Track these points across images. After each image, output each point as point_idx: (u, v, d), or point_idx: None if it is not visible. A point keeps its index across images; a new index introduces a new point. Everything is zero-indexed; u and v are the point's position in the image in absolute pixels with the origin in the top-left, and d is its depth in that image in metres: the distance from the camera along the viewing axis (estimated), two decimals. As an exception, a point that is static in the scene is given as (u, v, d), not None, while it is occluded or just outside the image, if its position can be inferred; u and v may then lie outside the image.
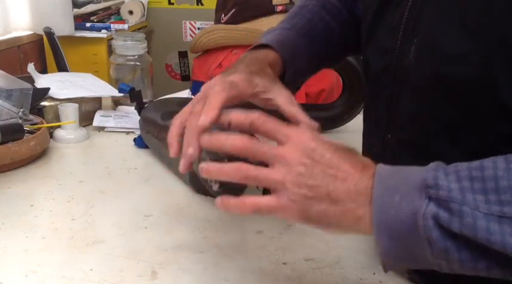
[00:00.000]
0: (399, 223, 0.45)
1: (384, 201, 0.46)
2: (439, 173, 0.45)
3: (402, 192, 0.45)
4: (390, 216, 0.45)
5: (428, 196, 0.44)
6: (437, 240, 0.43)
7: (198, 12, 2.27)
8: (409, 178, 0.46)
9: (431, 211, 0.43)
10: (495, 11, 0.48)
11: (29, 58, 1.62)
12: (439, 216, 0.43)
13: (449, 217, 0.43)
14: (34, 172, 0.95)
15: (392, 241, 0.45)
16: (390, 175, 0.47)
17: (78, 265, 0.66)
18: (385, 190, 0.46)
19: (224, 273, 0.65)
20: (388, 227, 0.45)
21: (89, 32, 1.86)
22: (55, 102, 1.12)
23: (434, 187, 0.44)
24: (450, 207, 0.43)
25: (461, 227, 0.42)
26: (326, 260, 0.68)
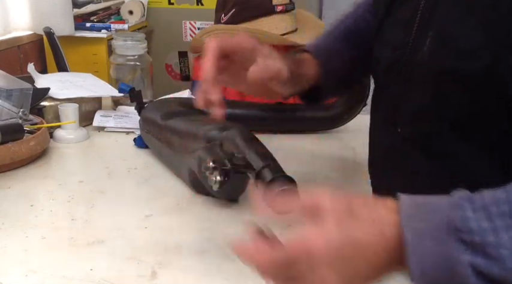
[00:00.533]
0: (434, 268, 0.43)
1: (415, 247, 0.44)
2: (467, 212, 0.42)
3: (432, 235, 0.43)
4: (424, 263, 0.43)
5: (460, 240, 0.42)
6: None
7: (198, 12, 2.27)
8: (437, 220, 0.44)
9: (468, 258, 0.42)
10: (502, 8, 0.49)
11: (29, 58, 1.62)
12: (477, 263, 0.41)
13: (486, 262, 0.41)
14: (34, 172, 0.95)
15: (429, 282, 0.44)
16: (414, 215, 0.45)
17: (78, 265, 0.66)
18: (415, 235, 0.44)
19: (224, 273, 0.65)
20: (424, 273, 0.44)
21: (89, 32, 1.86)
22: (55, 102, 1.12)
23: (465, 231, 0.42)
24: (486, 251, 0.41)
25: (502, 271, 0.41)
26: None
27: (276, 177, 0.61)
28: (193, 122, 0.88)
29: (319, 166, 1.00)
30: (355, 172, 0.97)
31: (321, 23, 1.57)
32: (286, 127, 1.17)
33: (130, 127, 1.15)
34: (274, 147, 0.76)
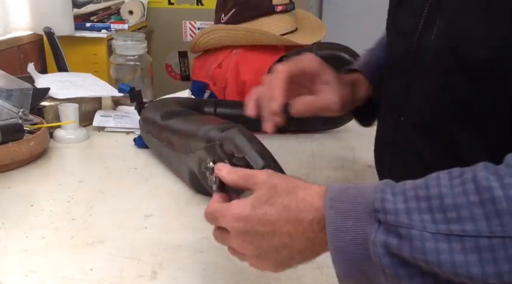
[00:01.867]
0: (354, 249, 0.45)
1: (338, 226, 0.46)
2: (386, 195, 0.45)
3: (353, 216, 0.46)
4: (345, 241, 0.46)
5: (377, 220, 0.44)
6: (389, 267, 0.43)
7: (198, 12, 2.27)
8: (359, 201, 0.46)
9: (381, 239, 0.43)
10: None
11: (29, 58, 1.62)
12: (389, 243, 0.43)
13: (398, 242, 0.43)
14: (34, 172, 0.95)
15: (349, 266, 0.46)
16: (340, 198, 0.47)
17: (78, 265, 0.66)
18: (337, 215, 0.47)
19: (224, 273, 0.65)
20: (344, 253, 0.46)
21: (89, 32, 1.85)
22: (55, 102, 1.12)
23: (382, 211, 0.44)
24: (399, 232, 0.43)
25: (412, 251, 0.42)
26: (326, 260, 0.68)
27: None
28: (193, 122, 0.88)
29: (319, 166, 1.00)
30: (355, 172, 0.97)
31: (321, 23, 1.57)
32: (287, 127, 1.17)
33: (130, 127, 1.15)
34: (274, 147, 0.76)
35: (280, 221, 0.50)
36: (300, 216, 0.49)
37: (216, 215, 0.55)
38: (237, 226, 0.52)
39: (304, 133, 1.16)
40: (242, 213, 0.51)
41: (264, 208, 0.50)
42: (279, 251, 0.51)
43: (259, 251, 0.51)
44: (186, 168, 0.86)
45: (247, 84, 1.39)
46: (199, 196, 0.86)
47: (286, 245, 0.50)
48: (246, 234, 0.51)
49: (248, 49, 1.40)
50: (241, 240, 0.52)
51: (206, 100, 1.27)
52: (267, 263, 0.53)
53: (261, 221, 0.50)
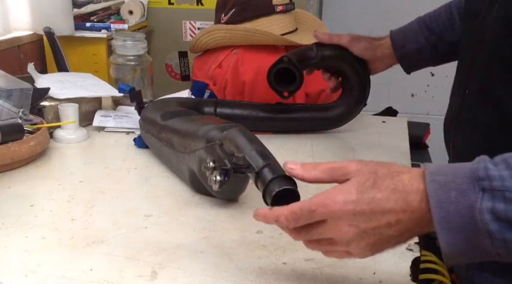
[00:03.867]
0: (459, 218, 0.47)
1: (440, 198, 0.48)
2: (488, 164, 0.47)
3: (455, 187, 0.48)
4: (450, 212, 0.47)
5: (481, 188, 0.46)
6: (496, 232, 0.46)
7: (198, 12, 2.27)
8: (459, 172, 0.48)
9: (488, 205, 0.46)
10: None
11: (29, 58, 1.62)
12: (496, 208, 0.45)
13: (505, 206, 0.45)
14: (34, 172, 0.95)
15: (454, 236, 0.48)
16: (440, 172, 0.50)
17: (78, 265, 0.66)
18: (439, 187, 0.49)
19: (224, 273, 0.65)
20: (449, 223, 0.48)
21: (88, 32, 1.85)
22: (55, 102, 1.12)
23: (486, 178, 0.46)
24: (505, 196, 0.45)
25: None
26: (326, 260, 0.68)
27: (276, 177, 0.61)
28: (193, 122, 0.88)
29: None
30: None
31: (321, 23, 1.57)
32: (286, 127, 1.17)
33: (130, 127, 1.15)
34: (274, 147, 0.77)
35: (390, 204, 0.51)
36: (409, 198, 0.50)
37: (311, 209, 0.53)
38: (345, 209, 0.51)
39: (304, 133, 1.16)
40: (348, 197, 0.52)
41: (371, 192, 0.51)
42: (383, 232, 0.51)
43: (361, 234, 0.52)
44: (186, 167, 0.86)
45: (247, 84, 1.39)
46: (199, 196, 0.86)
47: (391, 225, 0.51)
48: (354, 217, 0.51)
49: (248, 49, 1.39)
50: (346, 224, 0.52)
51: (206, 100, 1.27)
52: (362, 247, 0.53)
53: (370, 204, 0.51)
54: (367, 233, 0.52)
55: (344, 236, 0.53)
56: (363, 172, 0.53)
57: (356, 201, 0.52)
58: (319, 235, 0.55)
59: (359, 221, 0.52)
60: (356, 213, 0.51)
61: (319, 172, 0.55)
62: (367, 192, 0.52)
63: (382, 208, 0.51)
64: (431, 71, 2.65)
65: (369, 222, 0.51)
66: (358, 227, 0.52)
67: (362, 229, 0.52)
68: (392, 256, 0.68)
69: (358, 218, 0.52)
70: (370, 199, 0.51)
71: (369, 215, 0.51)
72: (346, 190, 0.52)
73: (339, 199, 0.52)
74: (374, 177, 0.52)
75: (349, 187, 0.52)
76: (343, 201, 0.52)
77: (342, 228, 0.52)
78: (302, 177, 0.56)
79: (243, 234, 0.74)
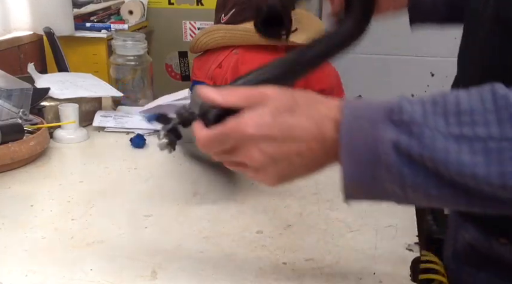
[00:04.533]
0: (363, 147, 0.46)
1: (350, 125, 0.47)
2: (404, 100, 0.46)
3: (368, 116, 0.47)
4: (355, 140, 0.47)
5: (391, 120, 0.45)
6: (395, 164, 0.44)
7: (198, 12, 2.27)
8: (375, 104, 0.48)
9: (392, 136, 0.45)
10: None
11: (29, 58, 1.62)
12: (399, 140, 0.44)
13: (408, 140, 0.44)
14: (34, 172, 0.95)
15: (356, 165, 0.47)
16: (358, 105, 0.49)
17: (78, 265, 0.66)
18: (352, 115, 0.48)
19: (224, 273, 0.65)
20: (353, 151, 0.47)
21: (88, 32, 1.85)
22: (55, 102, 1.12)
23: (397, 111, 0.45)
24: (411, 130, 0.44)
25: (420, 149, 0.44)
26: (326, 260, 0.68)
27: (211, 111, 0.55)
28: None
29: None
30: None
31: (321, 23, 1.57)
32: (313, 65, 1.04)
33: (130, 128, 1.15)
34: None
35: (303, 131, 0.49)
36: (323, 126, 0.49)
37: (225, 133, 0.51)
38: (256, 133, 0.49)
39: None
40: (261, 120, 0.50)
41: (285, 117, 0.50)
42: (292, 160, 0.50)
43: (270, 160, 0.50)
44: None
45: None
46: (200, 196, 0.86)
47: (301, 153, 0.50)
48: (264, 141, 0.50)
49: (248, 49, 1.40)
50: (256, 149, 0.50)
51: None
52: (271, 174, 0.51)
53: (282, 130, 0.49)
54: (275, 160, 0.50)
55: (253, 161, 0.51)
56: (280, 97, 0.51)
57: (268, 125, 0.49)
58: (234, 158, 0.53)
59: (269, 146, 0.49)
60: (267, 137, 0.49)
61: (236, 98, 0.52)
62: (281, 117, 0.49)
63: (294, 135, 0.49)
64: (431, 71, 2.65)
65: (278, 148, 0.49)
66: (268, 153, 0.50)
67: (271, 155, 0.50)
68: (392, 256, 0.68)
69: (269, 143, 0.49)
70: (282, 124, 0.49)
71: (279, 141, 0.49)
72: (260, 114, 0.50)
73: (251, 123, 0.50)
74: (291, 102, 0.50)
75: (263, 111, 0.50)
76: (255, 124, 0.49)
77: (252, 153, 0.50)
78: (219, 102, 0.53)
79: (242, 234, 0.74)
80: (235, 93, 0.53)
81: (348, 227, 0.76)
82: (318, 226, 0.77)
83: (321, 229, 0.76)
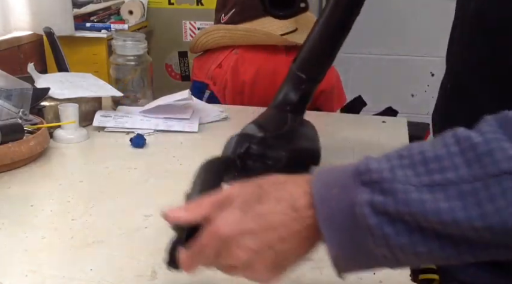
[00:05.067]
0: (340, 216, 0.45)
1: (323, 196, 0.46)
2: (370, 159, 0.45)
3: (338, 184, 0.46)
4: (332, 209, 0.45)
5: (361, 182, 0.44)
6: (376, 227, 0.43)
7: (198, 12, 2.27)
8: (344, 170, 0.47)
9: (366, 198, 0.43)
10: None
11: (29, 58, 1.62)
12: (374, 201, 0.43)
13: (383, 199, 0.43)
14: (34, 172, 0.95)
15: (338, 235, 0.45)
16: (325, 172, 0.48)
17: (78, 265, 0.66)
18: (323, 185, 0.47)
19: (225, 274, 0.65)
20: (332, 222, 0.45)
21: (88, 32, 1.86)
22: (55, 102, 1.12)
23: (366, 172, 0.44)
24: (383, 188, 0.43)
25: (396, 205, 0.42)
26: (326, 260, 0.67)
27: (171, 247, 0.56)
28: None
29: (319, 166, 1.00)
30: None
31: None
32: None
33: (130, 128, 1.15)
34: (274, 147, 0.76)
35: (278, 216, 0.48)
36: (297, 204, 0.47)
37: (202, 244, 0.50)
38: (231, 232, 0.48)
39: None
40: (232, 218, 0.48)
41: (256, 207, 0.48)
42: (276, 247, 0.48)
43: (254, 254, 0.48)
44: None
45: (247, 84, 1.39)
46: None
47: (284, 239, 0.48)
48: (242, 238, 0.48)
49: (248, 49, 1.40)
50: (236, 248, 0.48)
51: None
52: (261, 269, 0.49)
53: (257, 221, 0.48)
54: (259, 252, 0.48)
55: (239, 260, 0.49)
56: (244, 191, 0.50)
57: (241, 221, 0.48)
58: (222, 264, 0.51)
59: (249, 241, 0.48)
60: (244, 233, 0.48)
61: (202, 209, 0.51)
62: (252, 209, 0.48)
63: (270, 222, 0.47)
64: (431, 71, 2.65)
65: (259, 240, 0.48)
66: (250, 248, 0.48)
67: (254, 250, 0.48)
68: (392, 256, 0.68)
69: (248, 238, 0.48)
70: (255, 216, 0.48)
71: (258, 232, 0.48)
72: (230, 213, 0.49)
73: (224, 224, 0.48)
74: (257, 191, 0.49)
75: (232, 210, 0.49)
76: (228, 224, 0.48)
77: (234, 253, 0.49)
78: (186, 220, 0.52)
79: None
80: (199, 204, 0.52)
81: (348, 227, 0.76)
82: (318, 226, 0.77)
83: (321, 229, 0.76)
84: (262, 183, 0.50)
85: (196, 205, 0.52)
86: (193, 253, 0.52)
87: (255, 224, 0.48)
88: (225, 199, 0.50)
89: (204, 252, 0.51)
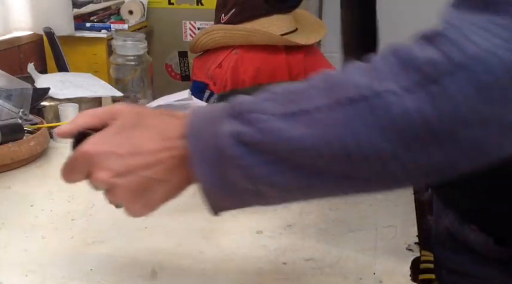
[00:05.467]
0: (209, 147, 0.45)
1: (196, 128, 0.46)
2: (243, 98, 0.46)
3: (210, 117, 0.46)
4: (202, 141, 0.46)
5: (229, 115, 0.45)
6: (239, 157, 0.43)
7: (198, 12, 2.27)
8: (221, 107, 0.47)
9: (229, 128, 0.44)
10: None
11: (29, 58, 1.62)
12: (236, 131, 0.43)
13: (245, 128, 0.43)
14: (34, 172, 0.95)
15: (206, 167, 0.45)
16: (205, 108, 0.49)
17: (78, 265, 0.66)
18: (199, 119, 0.47)
19: (224, 273, 0.65)
20: (201, 153, 0.45)
21: (88, 32, 1.85)
22: (55, 102, 1.12)
23: (235, 105, 0.45)
24: (246, 118, 0.43)
25: (256, 134, 0.43)
26: (326, 260, 0.68)
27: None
28: None
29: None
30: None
31: (321, 23, 1.57)
32: None
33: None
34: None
35: (148, 142, 0.48)
36: (170, 134, 0.48)
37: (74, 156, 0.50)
38: (98, 151, 0.48)
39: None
40: (103, 138, 0.49)
41: (130, 131, 0.49)
42: (140, 173, 0.48)
43: (116, 176, 0.48)
44: None
45: (247, 84, 1.39)
46: (199, 196, 0.86)
47: (150, 165, 0.48)
48: (107, 158, 0.48)
49: (248, 49, 1.40)
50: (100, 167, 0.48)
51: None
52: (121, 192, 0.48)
53: (126, 145, 0.48)
54: (121, 175, 0.47)
55: (100, 180, 0.49)
56: (126, 114, 0.50)
57: (109, 142, 0.48)
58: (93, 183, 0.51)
59: (112, 163, 0.47)
60: (108, 153, 0.48)
61: (87, 118, 0.52)
62: (125, 131, 0.48)
63: (137, 147, 0.47)
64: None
65: (122, 163, 0.47)
66: (111, 170, 0.47)
67: (116, 171, 0.47)
68: (392, 256, 0.68)
69: (111, 159, 0.47)
70: (125, 139, 0.48)
71: (122, 156, 0.47)
72: (104, 132, 0.49)
73: (92, 141, 0.49)
74: (137, 116, 0.49)
75: (107, 129, 0.49)
76: (95, 142, 0.48)
77: (98, 172, 0.48)
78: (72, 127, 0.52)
79: (242, 234, 0.74)
80: (86, 114, 0.52)
81: (348, 227, 0.76)
82: (318, 226, 0.77)
83: (321, 229, 0.76)
84: (143, 111, 0.51)
85: (83, 114, 0.53)
86: (67, 165, 0.52)
87: (122, 147, 0.48)
88: (109, 114, 0.51)
89: (74, 167, 0.51)
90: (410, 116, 0.38)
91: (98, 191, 0.51)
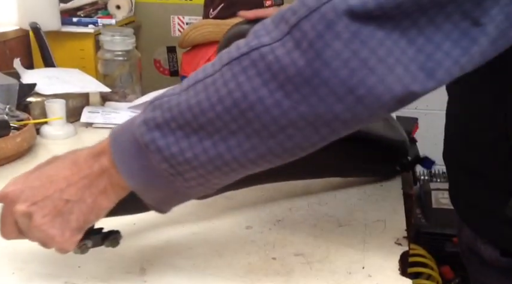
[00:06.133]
0: (129, 143, 0.49)
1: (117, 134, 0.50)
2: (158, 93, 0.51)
3: (130, 122, 0.50)
4: (123, 142, 0.49)
5: (143, 111, 0.49)
6: (151, 142, 0.47)
7: (187, 7, 2.26)
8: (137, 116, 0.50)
9: (141, 118, 0.48)
10: None
11: (15, 53, 1.60)
12: (146, 118, 0.48)
13: (153, 114, 0.48)
14: (21, 169, 0.93)
15: (130, 163, 0.49)
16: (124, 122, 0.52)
17: (66, 262, 0.66)
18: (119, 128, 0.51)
19: (213, 269, 0.65)
20: (123, 152, 0.49)
21: (75, 27, 1.83)
22: (42, 97, 1.10)
23: (150, 104, 0.49)
24: (155, 104, 0.48)
25: (162, 114, 0.47)
26: (315, 255, 0.68)
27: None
28: None
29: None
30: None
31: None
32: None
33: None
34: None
35: (57, 170, 0.52)
36: (79, 158, 0.51)
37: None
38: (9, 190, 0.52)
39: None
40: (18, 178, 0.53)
41: (43, 168, 0.53)
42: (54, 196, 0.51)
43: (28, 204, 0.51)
44: None
45: (236, 79, 1.39)
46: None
47: (62, 190, 0.51)
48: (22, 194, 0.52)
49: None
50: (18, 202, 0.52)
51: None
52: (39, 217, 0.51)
53: (38, 178, 0.52)
54: (38, 203, 0.51)
55: (20, 213, 0.52)
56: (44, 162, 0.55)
57: (25, 180, 0.53)
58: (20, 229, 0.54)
59: (27, 195, 0.51)
60: (24, 189, 0.52)
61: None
62: (39, 170, 0.53)
63: (53, 177, 0.51)
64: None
65: (38, 193, 0.51)
66: (28, 200, 0.51)
67: (32, 201, 0.51)
68: (381, 250, 0.68)
69: (27, 192, 0.51)
70: (39, 174, 0.52)
71: (37, 187, 0.51)
72: (21, 175, 0.54)
73: (10, 183, 0.53)
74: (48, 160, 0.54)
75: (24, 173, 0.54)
76: (14, 184, 0.53)
77: (17, 207, 0.52)
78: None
79: (232, 230, 0.74)
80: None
81: (337, 222, 0.76)
82: (307, 221, 0.77)
83: (310, 224, 0.76)
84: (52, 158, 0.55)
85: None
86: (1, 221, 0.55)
87: (37, 180, 0.52)
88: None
89: (3, 216, 0.54)
90: (281, 61, 0.42)
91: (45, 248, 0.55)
